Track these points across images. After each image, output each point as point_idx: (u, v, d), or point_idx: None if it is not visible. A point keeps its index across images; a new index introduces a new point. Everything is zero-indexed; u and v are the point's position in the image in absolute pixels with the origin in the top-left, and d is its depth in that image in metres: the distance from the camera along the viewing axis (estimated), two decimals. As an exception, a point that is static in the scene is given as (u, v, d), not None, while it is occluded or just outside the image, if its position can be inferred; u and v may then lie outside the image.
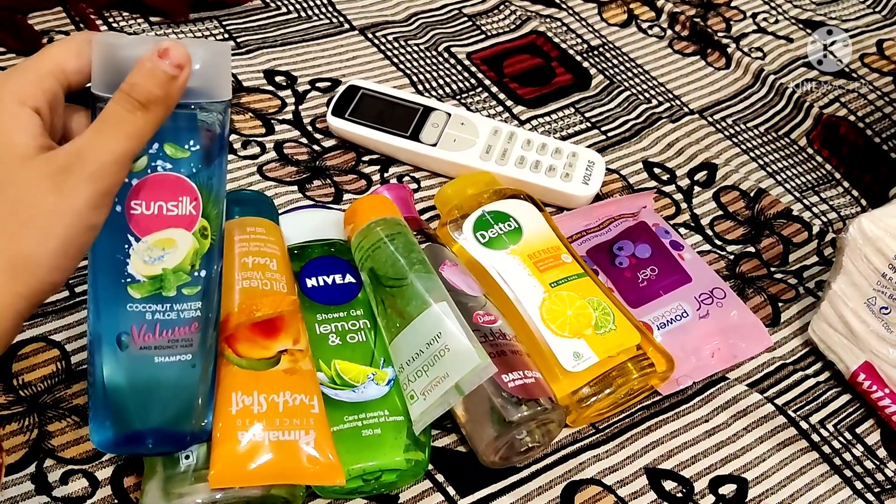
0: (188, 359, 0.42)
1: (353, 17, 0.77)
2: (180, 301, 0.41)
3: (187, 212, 0.40)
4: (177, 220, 0.40)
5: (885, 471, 0.55)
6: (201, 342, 0.42)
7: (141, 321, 0.40)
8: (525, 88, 0.74)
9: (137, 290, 0.40)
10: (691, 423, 0.55)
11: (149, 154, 0.39)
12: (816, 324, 0.58)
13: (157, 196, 0.39)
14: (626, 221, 0.63)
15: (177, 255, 0.40)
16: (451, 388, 0.47)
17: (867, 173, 0.72)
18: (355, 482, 0.47)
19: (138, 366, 0.41)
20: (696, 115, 0.75)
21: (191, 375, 0.42)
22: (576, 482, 0.51)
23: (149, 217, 0.39)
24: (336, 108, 0.66)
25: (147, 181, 0.39)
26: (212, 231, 0.41)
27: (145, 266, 0.40)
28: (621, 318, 0.53)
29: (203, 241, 0.41)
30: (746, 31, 0.83)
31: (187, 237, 0.40)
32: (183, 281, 0.40)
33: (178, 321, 0.41)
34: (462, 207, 0.58)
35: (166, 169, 0.39)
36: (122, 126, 0.36)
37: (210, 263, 0.42)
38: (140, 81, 0.36)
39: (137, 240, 0.39)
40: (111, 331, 0.41)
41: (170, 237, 0.40)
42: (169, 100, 0.37)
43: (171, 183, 0.39)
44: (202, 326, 0.42)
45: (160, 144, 0.39)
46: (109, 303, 0.40)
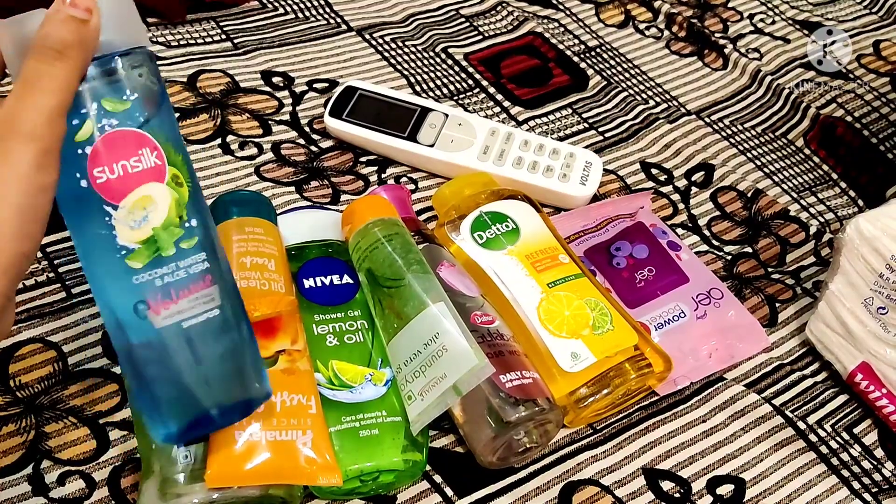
0: (216, 314, 0.40)
1: (350, 17, 0.77)
2: (183, 257, 0.39)
3: (152, 163, 0.38)
4: (145, 175, 0.38)
5: (883, 471, 0.55)
6: (223, 295, 0.40)
7: (153, 290, 0.38)
8: (522, 89, 0.74)
9: (136, 258, 0.38)
10: (689, 423, 0.55)
11: (91, 117, 0.37)
12: (814, 324, 0.58)
13: (116, 156, 0.37)
14: (624, 222, 0.63)
15: (160, 210, 0.38)
16: (449, 388, 0.47)
17: (864, 174, 0.73)
18: (353, 483, 0.47)
19: (169, 338, 0.39)
20: (694, 115, 0.75)
21: (226, 331, 0.40)
22: (573, 483, 0.51)
23: (116, 181, 0.37)
24: (333, 108, 0.66)
25: (100, 145, 0.37)
26: (185, 178, 0.39)
27: (133, 232, 0.38)
28: (619, 319, 0.53)
29: (180, 189, 0.39)
30: (743, 31, 0.84)
31: (162, 189, 0.38)
32: (177, 235, 0.39)
33: (190, 278, 0.39)
34: (459, 208, 0.58)
35: (114, 126, 0.37)
36: (44, 80, 0.35)
37: (198, 212, 0.40)
38: (51, 31, 0.35)
39: (115, 208, 0.38)
40: (126, 311, 0.38)
41: (145, 194, 0.38)
42: (84, 44, 0.36)
43: (125, 138, 0.38)
44: (217, 278, 0.40)
45: (98, 103, 0.37)
46: (114, 284, 0.39)
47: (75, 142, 0.37)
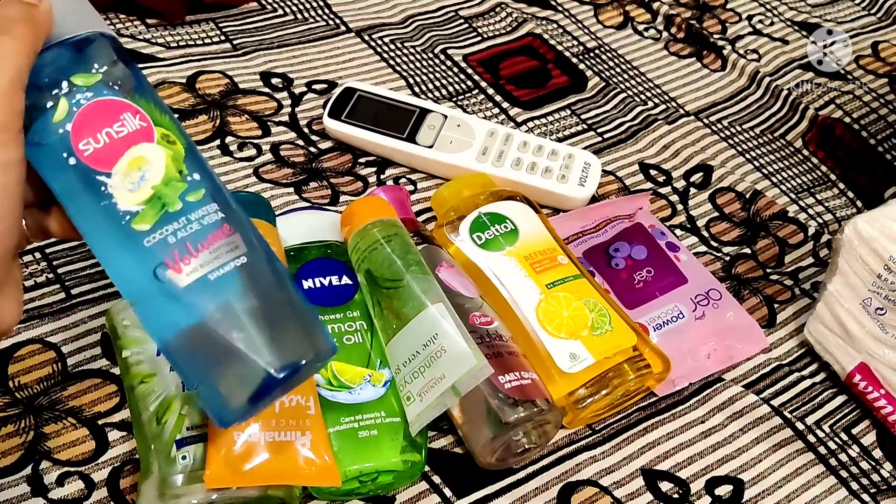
0: (244, 261, 0.37)
1: (349, 19, 0.77)
2: (192, 209, 0.37)
3: (137, 126, 0.37)
4: (133, 137, 0.37)
5: (881, 472, 0.55)
6: (248, 242, 0.37)
7: (168, 249, 0.36)
8: (521, 90, 0.74)
9: (142, 220, 0.36)
10: (687, 424, 0.55)
11: (64, 95, 0.36)
12: (812, 325, 0.58)
13: (97, 126, 0.36)
14: (623, 223, 0.63)
15: (156, 168, 0.37)
16: (448, 389, 0.47)
17: (862, 175, 0.73)
18: (352, 483, 0.47)
19: (198, 294, 0.36)
20: (692, 116, 0.75)
21: (260, 278, 0.37)
22: (572, 483, 0.51)
23: (103, 149, 0.36)
24: (332, 109, 0.66)
25: (79, 118, 0.36)
26: (177, 136, 0.38)
27: (133, 194, 0.36)
28: (617, 320, 0.53)
29: (173, 146, 0.37)
30: (742, 33, 0.84)
31: (154, 148, 0.37)
32: (181, 189, 0.37)
33: (206, 228, 0.36)
34: (458, 209, 0.58)
35: (88, 98, 0.36)
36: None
37: (199, 166, 0.38)
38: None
39: (108, 175, 0.36)
40: (146, 278, 0.36)
41: (138, 155, 0.37)
42: (33, 23, 0.35)
43: (102, 107, 0.37)
44: (237, 227, 0.37)
45: (67, 80, 0.36)
46: (126, 254, 0.36)
47: (54, 123, 0.36)
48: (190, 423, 0.45)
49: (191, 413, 0.45)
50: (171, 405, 0.45)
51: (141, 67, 0.69)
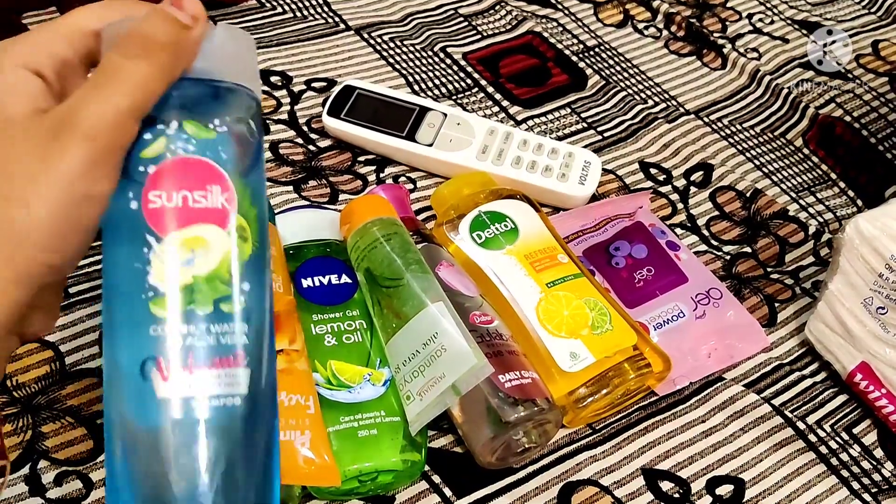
0: (237, 404, 0.32)
1: (348, 17, 0.77)
2: (218, 320, 0.32)
3: (219, 204, 0.32)
4: (206, 214, 0.32)
5: (883, 471, 0.55)
6: (252, 383, 0.32)
7: (168, 350, 0.31)
8: (521, 89, 0.74)
9: (162, 305, 0.31)
10: (688, 423, 0.55)
11: (167, 135, 0.32)
12: (813, 324, 0.58)
13: (180, 184, 0.32)
14: (623, 222, 0.63)
15: (210, 257, 0.32)
16: (448, 388, 0.46)
17: (863, 174, 0.72)
18: (351, 483, 0.47)
19: (168, 414, 0.31)
20: (692, 115, 0.75)
21: (244, 429, 0.32)
22: (572, 483, 0.51)
23: (172, 210, 0.31)
24: (332, 108, 0.66)
25: (166, 167, 0.32)
26: (253, 236, 0.33)
27: (171, 274, 0.31)
28: (618, 319, 0.53)
29: (243, 244, 0.32)
30: (742, 31, 0.83)
31: (221, 235, 0.32)
32: (221, 293, 0.32)
33: (218, 349, 0.31)
34: (458, 208, 0.58)
35: (189, 151, 0.32)
36: (121, 76, 0.31)
37: (257, 279, 0.33)
38: (145, 27, 0.31)
39: (159, 240, 0.31)
40: (132, 364, 0.31)
41: (199, 235, 0.32)
42: (178, 50, 0.32)
43: (197, 168, 0.32)
44: (251, 361, 0.32)
45: (179, 123, 0.32)
46: (128, 329, 0.32)
47: (140, 157, 0.32)
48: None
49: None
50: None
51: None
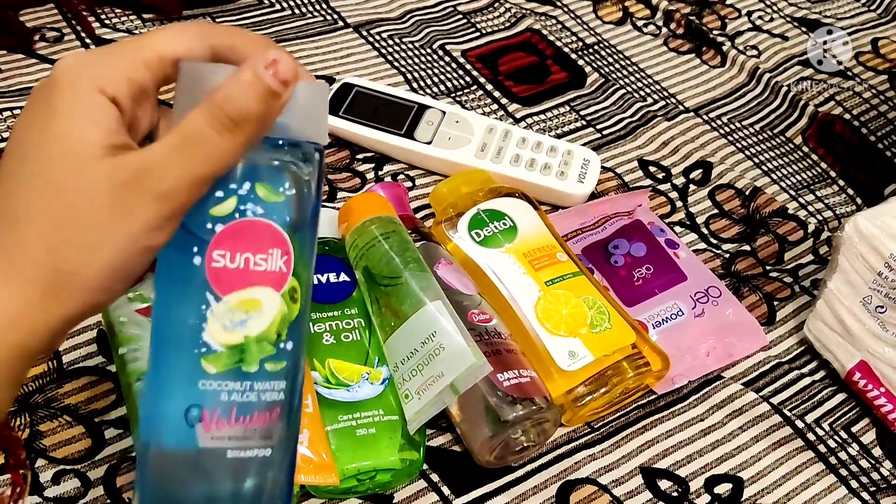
0: (266, 454, 0.34)
1: (347, 14, 0.77)
2: (262, 379, 0.33)
3: (277, 268, 0.33)
4: (265, 277, 0.33)
5: (881, 470, 0.54)
6: (283, 435, 0.35)
7: (215, 403, 0.33)
8: (520, 86, 0.74)
9: (214, 362, 0.33)
10: (687, 422, 0.55)
11: (238, 195, 0.33)
12: (812, 322, 0.58)
13: (244, 247, 0.33)
14: (622, 220, 0.63)
15: (262, 320, 0.33)
16: (446, 387, 0.46)
17: (862, 172, 0.72)
18: (350, 482, 0.47)
19: (206, 462, 0.33)
20: (692, 113, 0.74)
21: (267, 478, 0.34)
22: (571, 482, 0.51)
23: (233, 272, 0.33)
24: (330, 105, 0.66)
25: (234, 228, 0.33)
26: (301, 295, 0.34)
27: (225, 333, 0.33)
28: (617, 317, 0.53)
29: (293, 305, 0.34)
30: (742, 29, 0.83)
31: (275, 299, 0.33)
32: (267, 353, 0.33)
33: (258, 404, 0.33)
34: (457, 206, 0.58)
35: (257, 214, 0.33)
36: (206, 146, 0.31)
37: (298, 336, 0.35)
38: (236, 95, 0.30)
39: (218, 299, 0.33)
40: (177, 410, 0.33)
41: (255, 297, 0.33)
42: (266, 121, 0.31)
43: (262, 231, 0.33)
44: (285, 415, 0.35)
45: (252, 184, 0.33)
46: (176, 379, 0.33)
47: (209, 214, 0.33)
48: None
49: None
50: (167, 403, 0.45)
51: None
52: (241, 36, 0.34)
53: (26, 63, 0.67)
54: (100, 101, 0.31)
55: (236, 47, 0.33)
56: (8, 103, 0.63)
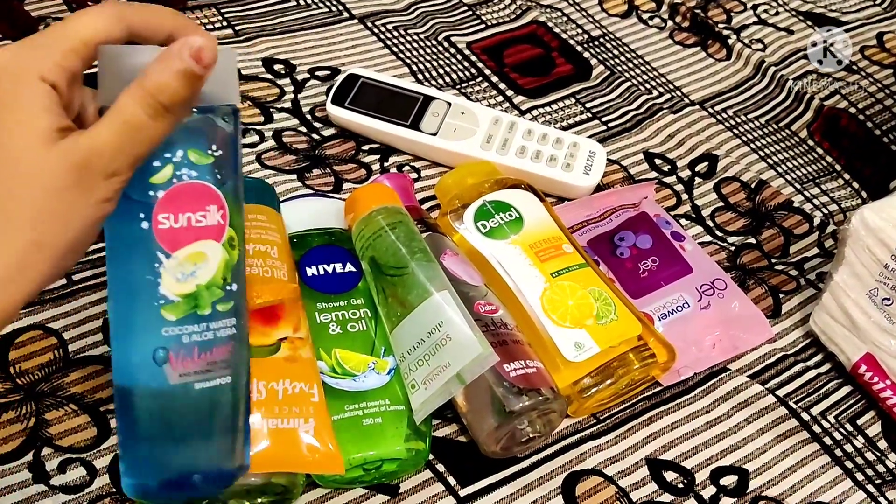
0: (227, 381, 0.39)
1: (352, 5, 0.77)
2: (216, 318, 0.38)
3: (216, 221, 0.38)
4: (206, 232, 0.37)
5: (886, 462, 0.54)
6: (238, 363, 0.39)
7: (178, 345, 0.37)
8: (525, 78, 0.74)
9: (172, 311, 0.37)
10: (692, 413, 0.55)
11: (173, 163, 0.37)
12: (818, 315, 0.58)
13: (184, 207, 0.37)
14: (628, 212, 0.63)
15: (209, 268, 0.38)
16: (453, 377, 0.46)
17: (867, 165, 0.72)
18: (355, 472, 0.47)
19: (178, 396, 0.38)
20: (697, 106, 0.74)
21: (231, 401, 0.39)
22: (577, 472, 0.51)
23: (178, 230, 0.37)
24: (336, 96, 0.66)
25: (174, 192, 0.37)
26: (238, 242, 0.39)
27: (178, 284, 0.37)
28: (623, 309, 0.53)
29: (232, 251, 0.38)
30: (747, 22, 0.83)
31: (217, 249, 0.38)
32: (217, 296, 0.38)
33: (216, 341, 0.38)
34: (463, 197, 0.58)
35: (192, 177, 0.37)
36: (145, 131, 0.34)
37: (239, 276, 0.39)
38: (166, 82, 0.34)
39: (168, 256, 0.37)
40: (146, 355, 0.37)
41: (201, 250, 0.37)
42: (191, 101, 0.35)
43: (198, 192, 0.37)
44: (237, 345, 0.39)
45: (184, 151, 0.37)
46: (141, 331, 0.38)
47: (150, 182, 0.36)
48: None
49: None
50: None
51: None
52: (155, 14, 0.36)
53: (31, 53, 0.67)
54: (44, 88, 0.34)
55: (151, 25, 0.36)
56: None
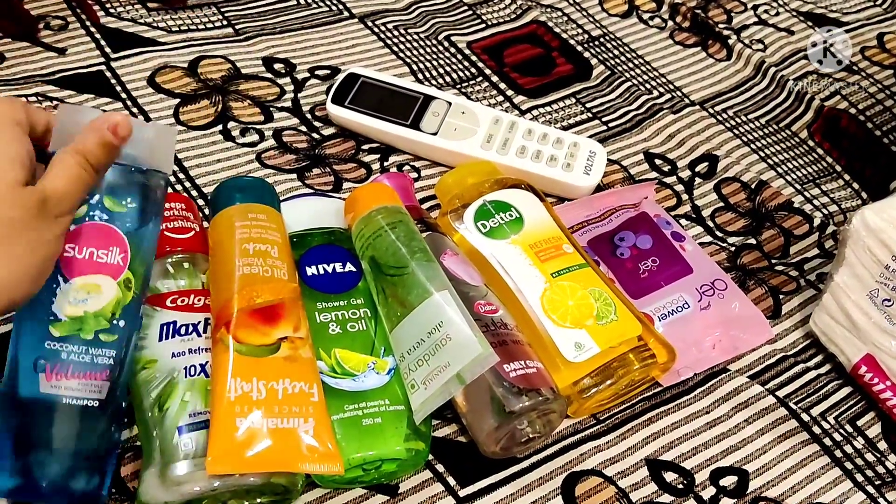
0: (95, 405, 0.43)
1: (352, 4, 0.77)
2: (97, 346, 0.43)
3: (115, 261, 0.44)
4: (104, 267, 0.43)
5: (886, 463, 0.54)
6: (109, 394, 0.43)
7: (56, 359, 0.42)
8: (526, 78, 0.74)
9: (58, 328, 0.42)
10: (692, 414, 0.55)
11: (89, 204, 0.44)
12: (818, 316, 0.58)
13: (89, 242, 0.43)
14: (628, 212, 0.63)
15: (100, 300, 0.43)
16: (453, 377, 0.46)
17: (868, 166, 0.72)
18: (355, 471, 0.47)
19: (45, 404, 0.42)
20: (698, 106, 0.74)
21: (95, 426, 0.43)
22: (576, 473, 0.51)
23: (79, 261, 0.43)
24: (336, 95, 0.65)
25: (83, 228, 0.43)
26: (136, 286, 0.44)
27: (69, 306, 0.42)
28: (623, 309, 0.53)
29: (126, 292, 0.44)
30: (747, 22, 0.83)
31: (112, 285, 0.43)
32: (102, 326, 0.43)
33: (92, 366, 0.43)
34: (463, 197, 0.58)
35: (102, 219, 0.44)
36: (83, 182, 0.41)
37: (130, 317, 0.44)
38: (94, 150, 0.42)
39: (66, 281, 0.43)
40: (29, 362, 0.42)
41: (96, 282, 0.43)
42: (111, 162, 0.44)
43: (105, 232, 0.44)
44: (113, 378, 0.43)
45: (101, 197, 0.44)
46: (29, 338, 0.42)
47: None
48: (192, 410, 0.45)
49: (193, 399, 0.45)
50: (173, 391, 0.45)
51: (142, 52, 0.68)
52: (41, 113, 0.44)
53: (31, 51, 0.66)
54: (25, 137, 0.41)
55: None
56: (13, 91, 0.63)
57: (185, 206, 0.53)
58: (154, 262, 0.48)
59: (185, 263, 0.50)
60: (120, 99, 0.65)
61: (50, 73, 0.65)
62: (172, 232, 0.51)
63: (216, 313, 0.47)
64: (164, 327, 0.47)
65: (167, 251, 0.50)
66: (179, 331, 0.47)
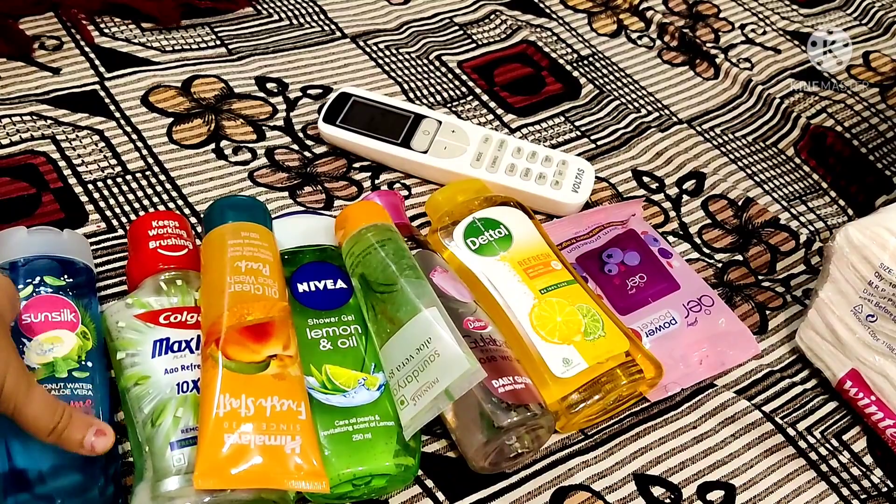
0: None
1: (344, 25, 0.78)
2: (72, 381, 0.46)
3: (69, 319, 0.48)
4: (61, 324, 0.48)
5: (872, 477, 0.55)
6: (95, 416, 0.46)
7: None
8: (515, 97, 0.74)
9: (35, 374, 0.46)
10: (679, 429, 0.55)
11: (33, 284, 0.49)
12: (804, 331, 0.58)
13: (42, 309, 0.48)
14: (616, 229, 0.64)
15: (64, 347, 0.47)
16: (441, 393, 0.47)
17: (853, 183, 0.73)
18: (345, 487, 0.47)
19: None
20: (685, 124, 0.75)
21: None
22: (565, 488, 0.51)
23: (37, 323, 0.48)
24: (327, 114, 0.66)
25: (33, 301, 0.48)
26: (93, 337, 0.49)
27: (38, 357, 0.46)
28: (610, 325, 0.54)
29: (86, 341, 0.48)
30: (735, 41, 0.84)
31: (72, 336, 0.48)
32: (72, 366, 0.47)
33: (72, 396, 0.46)
34: (453, 214, 0.58)
35: (48, 292, 0.49)
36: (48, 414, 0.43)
37: (97, 361, 0.48)
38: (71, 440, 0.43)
39: (29, 339, 0.47)
40: None
41: (57, 335, 0.47)
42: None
43: (53, 300, 0.49)
44: (95, 407, 0.46)
45: (41, 277, 0.49)
46: None
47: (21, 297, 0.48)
48: (185, 426, 0.45)
49: (186, 415, 0.45)
50: (165, 407, 0.46)
51: (135, 71, 0.69)
52: None
53: (25, 70, 0.67)
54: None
55: None
56: (7, 111, 0.64)
57: (179, 224, 0.54)
58: (147, 280, 0.51)
59: (179, 281, 0.51)
60: (114, 118, 0.65)
61: (44, 92, 0.66)
62: (166, 250, 0.52)
63: (207, 330, 0.47)
64: (157, 344, 0.48)
65: (160, 268, 0.51)
66: (172, 347, 0.48)
